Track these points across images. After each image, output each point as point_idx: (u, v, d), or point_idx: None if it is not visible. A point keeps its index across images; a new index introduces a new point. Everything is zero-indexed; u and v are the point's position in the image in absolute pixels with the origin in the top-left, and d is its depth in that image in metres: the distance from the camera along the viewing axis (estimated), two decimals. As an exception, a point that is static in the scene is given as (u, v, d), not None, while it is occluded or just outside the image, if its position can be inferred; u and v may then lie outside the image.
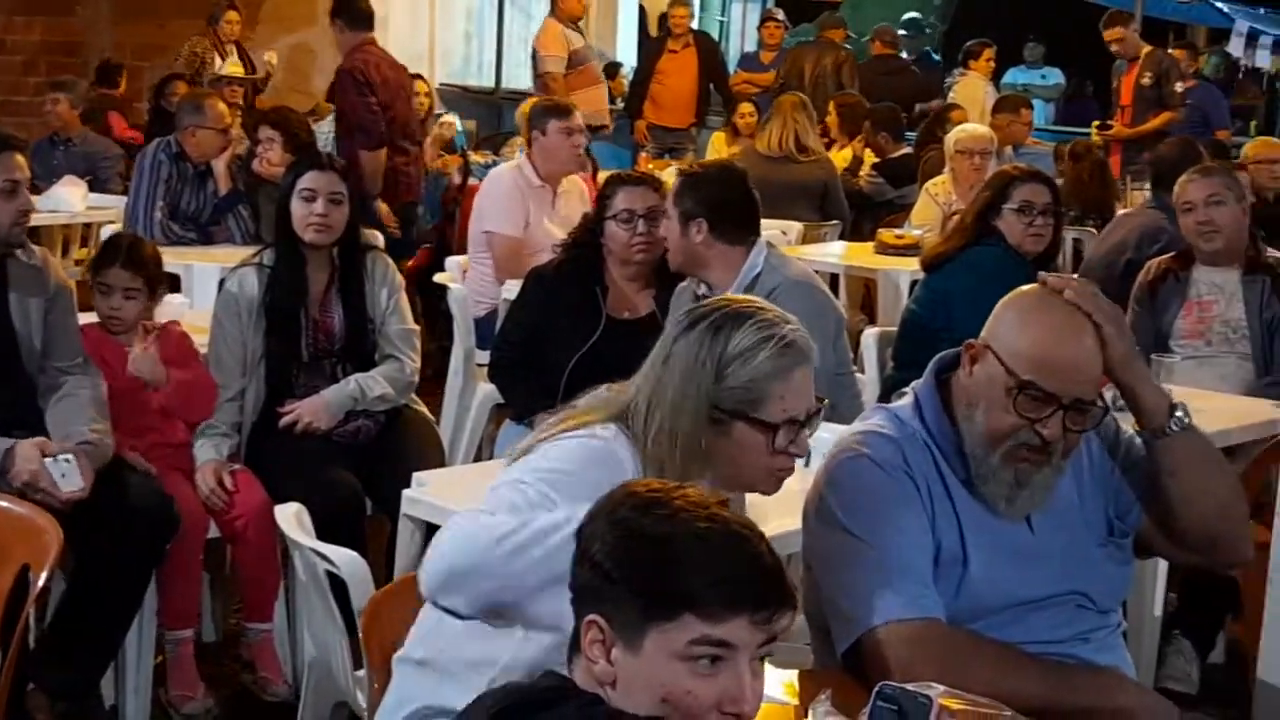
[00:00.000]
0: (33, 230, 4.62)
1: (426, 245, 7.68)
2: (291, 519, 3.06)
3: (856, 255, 7.31)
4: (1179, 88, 9.91)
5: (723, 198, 4.10)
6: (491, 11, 14.32)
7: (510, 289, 5.36)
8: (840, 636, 2.40)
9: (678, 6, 11.35)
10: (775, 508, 3.09)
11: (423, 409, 4.42)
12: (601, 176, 6.26)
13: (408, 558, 3.38)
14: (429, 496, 3.35)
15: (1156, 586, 3.86)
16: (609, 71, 13.53)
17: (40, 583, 2.74)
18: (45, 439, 3.51)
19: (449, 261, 6.37)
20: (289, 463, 3.98)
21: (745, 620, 1.75)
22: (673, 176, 4.38)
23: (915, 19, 13.17)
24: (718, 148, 10.06)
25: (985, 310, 2.51)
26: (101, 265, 4.05)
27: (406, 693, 2.44)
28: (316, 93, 11.05)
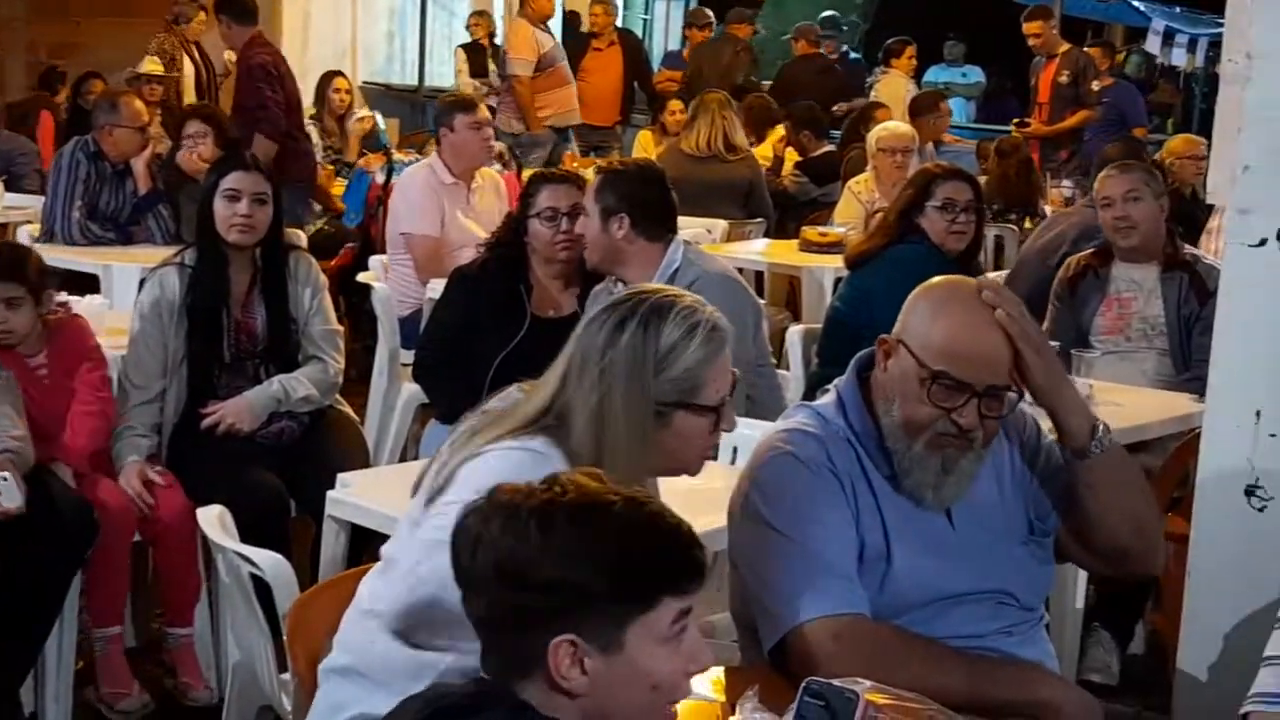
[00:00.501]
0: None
1: (350, 245, 7.63)
2: (214, 521, 3.03)
3: (781, 253, 7.34)
4: (1095, 86, 10.03)
5: (644, 194, 4.12)
6: (414, 10, 14.26)
7: (434, 288, 5.34)
8: (767, 633, 2.41)
9: (599, 4, 11.35)
10: (701, 505, 3.09)
11: (347, 409, 4.40)
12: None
13: (332, 559, 3.36)
14: (353, 497, 3.33)
15: (1077, 580, 3.90)
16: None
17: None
18: None
19: (372, 261, 6.34)
20: (212, 465, 3.94)
21: (699, 581, 1.82)
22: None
23: (833, 17, 13.23)
24: (645, 146, 10.06)
25: (908, 307, 2.54)
26: None
27: (338, 699, 2.42)
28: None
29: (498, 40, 13.12)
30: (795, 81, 11.31)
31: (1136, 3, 17.20)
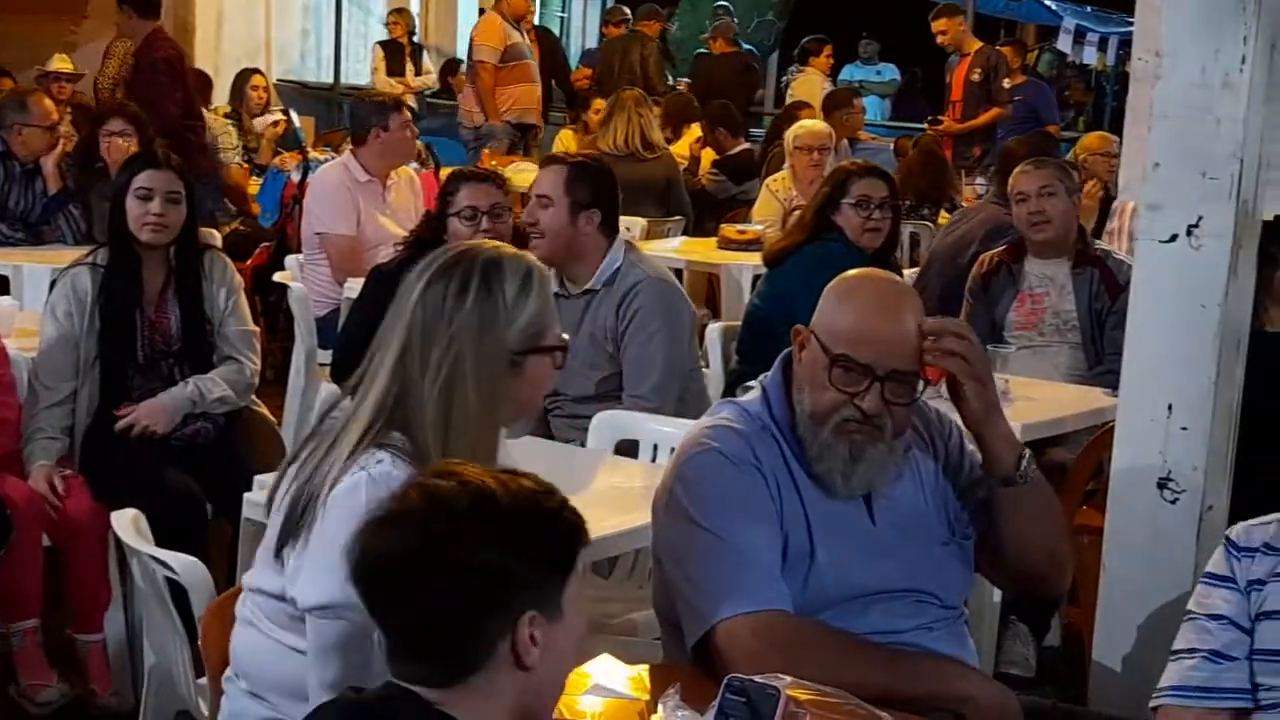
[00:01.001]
0: None
1: (266, 244, 7.56)
2: (129, 525, 2.99)
3: (699, 250, 7.36)
4: (1006, 84, 10.13)
5: (609, 191, 4.15)
6: (329, 8, 14.15)
7: (352, 287, 5.30)
8: (690, 630, 2.41)
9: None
10: (622, 504, 3.09)
11: (264, 410, 4.36)
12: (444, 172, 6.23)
13: (249, 562, 3.32)
14: (271, 499, 3.29)
15: (995, 573, 3.93)
16: (450, 68, 13.45)
17: None
18: None
19: (288, 260, 6.29)
20: (126, 467, 3.90)
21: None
22: (521, 170, 4.37)
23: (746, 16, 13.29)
24: (567, 144, 10.03)
25: (826, 304, 2.55)
26: None
27: (239, 708, 2.42)
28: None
29: (416, 38, 13.05)
30: (712, 79, 11.34)
31: (1048, 1, 17.40)
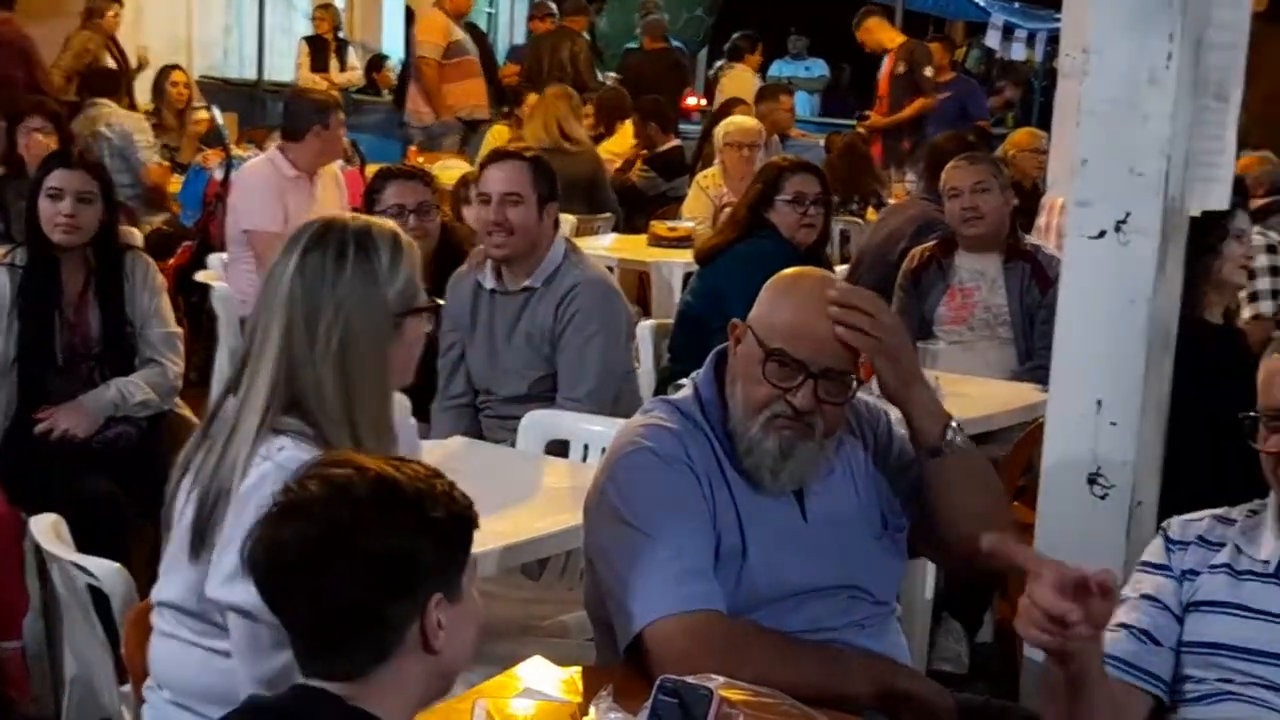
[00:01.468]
0: None
1: (188, 243, 7.46)
2: (49, 530, 2.93)
3: (630, 248, 7.33)
4: (929, 73, 10.15)
5: (556, 184, 4.10)
6: (251, 4, 14.00)
7: (278, 286, 5.21)
8: (622, 631, 2.39)
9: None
10: (553, 505, 3.06)
11: (187, 413, 4.31)
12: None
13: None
14: (195, 503, 3.23)
15: (927, 572, 3.93)
16: (375, 64, 13.35)
17: None
18: None
19: (211, 259, 6.22)
20: (45, 472, 3.86)
21: None
22: (448, 168, 4.33)
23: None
24: (499, 140, 9.96)
25: (759, 302, 2.54)
26: None
27: (162, 716, 2.40)
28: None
29: (341, 34, 12.94)
30: (642, 75, 11.32)
31: (977, -2, 17.55)
